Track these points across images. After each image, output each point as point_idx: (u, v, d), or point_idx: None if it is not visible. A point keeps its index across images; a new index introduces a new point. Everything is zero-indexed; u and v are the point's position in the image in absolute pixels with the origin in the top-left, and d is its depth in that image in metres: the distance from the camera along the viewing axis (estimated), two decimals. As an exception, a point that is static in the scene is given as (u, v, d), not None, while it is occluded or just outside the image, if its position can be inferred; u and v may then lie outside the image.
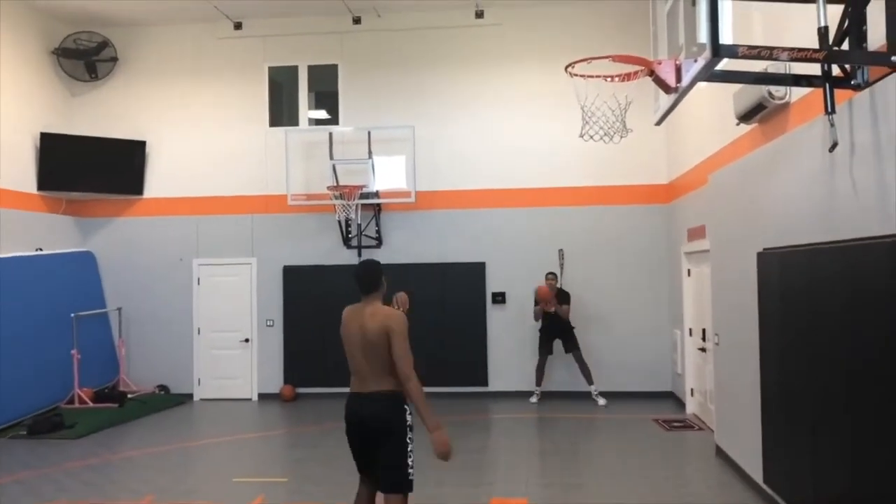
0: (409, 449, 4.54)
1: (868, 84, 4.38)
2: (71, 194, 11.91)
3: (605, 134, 5.20)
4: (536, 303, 10.98)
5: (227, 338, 12.13)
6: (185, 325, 12.19)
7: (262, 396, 12.03)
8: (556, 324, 10.98)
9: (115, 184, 12.10)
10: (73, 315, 10.92)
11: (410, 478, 4.54)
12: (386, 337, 4.54)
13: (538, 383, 11.14)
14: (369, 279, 4.76)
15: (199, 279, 12.24)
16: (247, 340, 12.11)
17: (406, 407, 4.60)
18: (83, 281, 11.93)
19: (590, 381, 10.89)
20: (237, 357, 12.13)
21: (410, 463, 4.53)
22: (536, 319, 11.15)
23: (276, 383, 11.99)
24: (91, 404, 10.82)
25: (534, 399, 11.14)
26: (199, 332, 12.19)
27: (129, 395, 11.30)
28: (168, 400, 11.65)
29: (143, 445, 9.10)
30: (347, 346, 4.75)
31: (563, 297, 11.00)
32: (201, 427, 10.62)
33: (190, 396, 12.08)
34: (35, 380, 10.37)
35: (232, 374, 12.12)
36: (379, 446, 4.53)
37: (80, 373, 10.85)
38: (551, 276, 11.00)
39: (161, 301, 12.20)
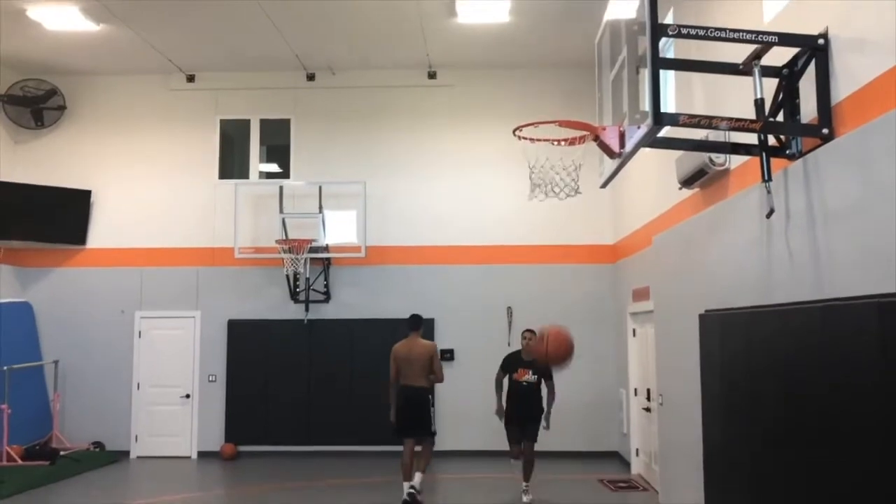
0: (432, 414, 8.57)
1: (801, 154, 4.58)
2: (10, 243, 11.58)
3: (551, 190, 5.30)
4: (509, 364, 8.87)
5: (167, 393, 11.78)
6: (123, 380, 11.82)
7: (201, 454, 11.66)
8: (527, 399, 8.63)
9: (57, 233, 11.82)
10: (5, 368, 10.51)
11: (434, 429, 8.61)
12: (430, 357, 8.42)
13: (526, 478, 8.62)
14: (417, 323, 8.65)
15: (140, 332, 11.94)
16: (187, 396, 11.79)
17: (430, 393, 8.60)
18: (18, 332, 11.51)
19: (526, 478, 8.61)
20: (177, 413, 11.76)
21: (433, 421, 8.58)
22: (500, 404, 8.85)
23: (216, 441, 11.65)
24: (20, 462, 10.34)
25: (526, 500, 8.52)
26: (138, 387, 11.84)
27: (62, 453, 10.83)
28: (103, 457, 11.21)
29: (73, 506, 8.72)
30: (400, 361, 8.41)
31: (546, 374, 8.69)
32: (137, 486, 10.23)
33: (126, 454, 11.64)
34: (-39, 436, 9.92)
35: (171, 430, 11.74)
36: (419, 413, 8.34)
37: (10, 428, 10.40)
38: (529, 335, 8.57)
39: (100, 354, 11.83)
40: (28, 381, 11.23)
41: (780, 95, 4.69)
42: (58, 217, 11.77)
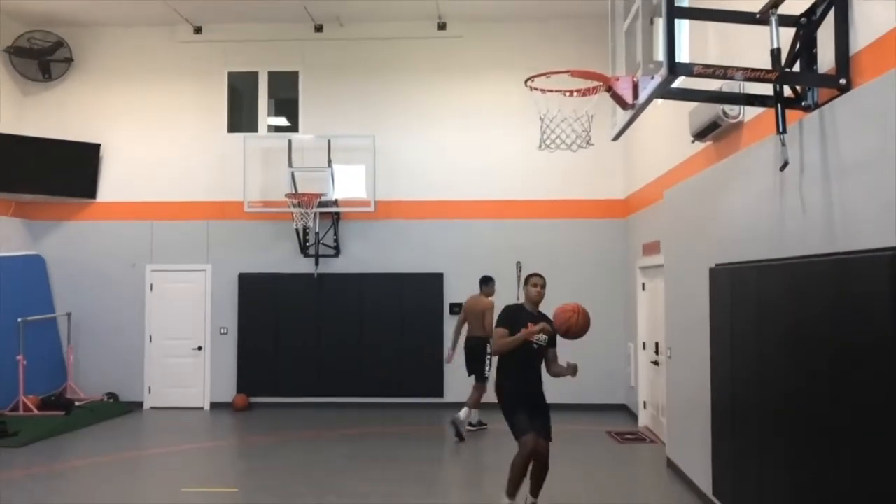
0: (487, 360, 9.59)
1: (817, 105, 4.50)
2: (21, 196, 11.61)
3: (563, 142, 5.25)
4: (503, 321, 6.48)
5: (179, 345, 11.91)
6: (136, 332, 11.95)
7: (214, 405, 11.84)
8: (533, 368, 6.56)
9: (67, 186, 11.83)
10: (19, 320, 10.64)
11: (486, 374, 9.52)
12: (482, 312, 9.67)
13: (535, 490, 6.36)
14: (486, 282, 10.02)
15: (151, 285, 12.03)
16: (199, 348, 11.92)
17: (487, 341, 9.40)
18: (31, 285, 11.63)
19: (535, 490, 6.31)
20: (189, 365, 11.91)
21: (488, 366, 9.49)
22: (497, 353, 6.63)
23: (228, 392, 11.81)
24: (36, 412, 10.53)
25: None
26: (150, 340, 11.97)
27: (77, 403, 11.02)
28: (117, 408, 11.40)
29: (89, 455, 8.88)
30: (467, 313, 9.94)
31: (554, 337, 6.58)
32: (151, 436, 10.42)
33: (140, 405, 11.83)
34: (-22, 386, 10.09)
35: (184, 382, 11.90)
36: (472, 358, 9.79)
37: (26, 379, 10.57)
38: (540, 280, 6.47)
39: (112, 307, 11.95)
40: (42, 334, 11.38)
41: (797, 45, 4.59)
42: (68, 171, 11.77)
